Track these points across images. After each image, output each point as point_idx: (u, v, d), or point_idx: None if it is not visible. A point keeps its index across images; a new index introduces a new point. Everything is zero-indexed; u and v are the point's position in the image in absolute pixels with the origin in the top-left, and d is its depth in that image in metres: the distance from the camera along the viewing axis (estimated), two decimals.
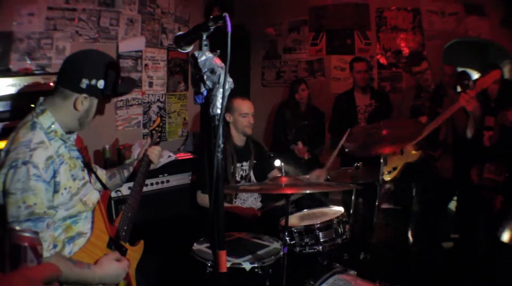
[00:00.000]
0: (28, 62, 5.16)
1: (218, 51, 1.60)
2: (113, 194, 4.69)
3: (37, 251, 1.29)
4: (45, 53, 5.36)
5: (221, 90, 1.56)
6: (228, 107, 4.71)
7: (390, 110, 6.55)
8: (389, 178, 5.50)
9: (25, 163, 2.38)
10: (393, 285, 3.52)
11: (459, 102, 4.73)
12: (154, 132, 3.45)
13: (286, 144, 6.95)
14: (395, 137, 4.37)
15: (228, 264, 3.18)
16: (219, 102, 1.55)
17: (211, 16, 1.63)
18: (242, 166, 4.71)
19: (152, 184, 5.36)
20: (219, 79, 1.57)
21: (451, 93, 5.68)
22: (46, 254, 2.33)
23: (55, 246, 2.53)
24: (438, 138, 5.50)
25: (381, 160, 4.54)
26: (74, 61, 2.67)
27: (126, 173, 3.39)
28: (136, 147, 5.51)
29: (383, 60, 7.33)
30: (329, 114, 7.06)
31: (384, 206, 6.17)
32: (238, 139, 4.78)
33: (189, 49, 1.66)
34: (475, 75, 7.63)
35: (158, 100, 6.82)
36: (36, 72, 4.81)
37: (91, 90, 2.60)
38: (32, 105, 2.67)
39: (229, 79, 1.60)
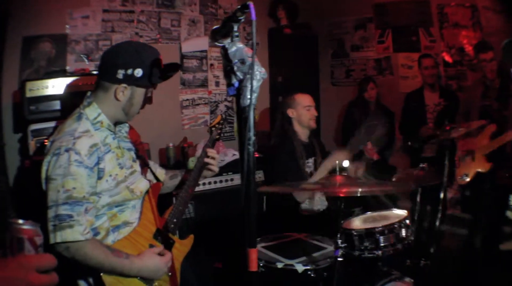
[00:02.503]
0: (87, 63, 5.27)
1: (250, 42, 1.53)
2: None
3: (34, 242, 1.38)
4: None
5: (251, 80, 1.49)
6: (290, 103, 4.72)
7: (457, 110, 6.29)
8: (462, 184, 5.33)
9: (67, 150, 2.44)
10: None
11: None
12: (214, 129, 3.45)
13: (356, 144, 6.83)
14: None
15: (281, 265, 3.20)
16: (249, 92, 1.49)
17: (238, 7, 1.55)
18: (307, 162, 4.64)
19: (215, 182, 5.33)
20: (249, 70, 1.50)
21: None
22: (80, 237, 2.39)
23: (97, 234, 2.58)
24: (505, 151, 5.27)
25: (446, 162, 4.40)
26: (109, 54, 2.75)
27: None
28: (201, 146, 5.50)
29: (448, 58, 7.09)
30: (398, 114, 6.92)
31: (450, 212, 5.99)
32: (303, 135, 4.75)
33: (225, 42, 1.60)
34: None
35: (226, 99, 6.82)
36: (94, 72, 4.88)
37: (129, 80, 2.63)
38: None
39: (261, 69, 1.53)
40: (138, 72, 2.62)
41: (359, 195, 3.19)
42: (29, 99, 4.31)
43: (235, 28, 1.56)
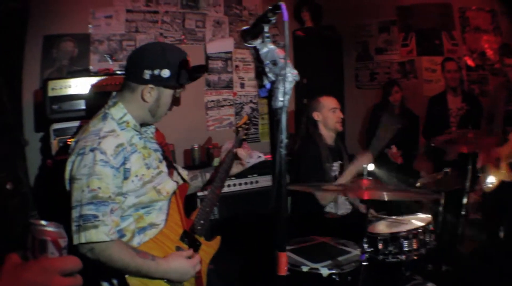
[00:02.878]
0: (110, 63, 5.30)
1: (282, 43, 1.52)
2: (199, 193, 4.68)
3: (58, 244, 1.32)
4: (128, 55, 5.43)
5: (283, 82, 1.47)
6: (315, 106, 4.69)
7: (480, 115, 6.29)
8: (487, 191, 5.27)
9: (92, 150, 2.42)
10: None
11: None
12: (240, 129, 3.43)
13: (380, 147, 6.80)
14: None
15: (306, 269, 3.18)
16: (281, 94, 1.47)
17: (269, 7, 1.53)
18: (333, 166, 4.62)
19: (240, 184, 5.33)
20: (281, 71, 1.48)
21: None
22: (105, 238, 2.36)
23: (123, 236, 2.56)
24: None
25: (469, 167, 4.37)
26: (135, 54, 2.73)
27: (208, 176, 3.38)
28: (226, 147, 5.51)
29: (470, 62, 7.02)
30: (423, 117, 6.88)
31: (472, 217, 5.94)
32: (329, 139, 4.71)
33: (255, 43, 1.58)
34: None
35: (251, 101, 6.82)
36: (118, 72, 4.90)
37: (156, 80, 2.61)
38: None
39: (293, 71, 1.50)
40: (165, 73, 2.60)
41: (386, 199, 3.16)
42: (51, 98, 4.31)
43: (266, 29, 1.54)
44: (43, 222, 1.30)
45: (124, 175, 2.53)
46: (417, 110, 7.03)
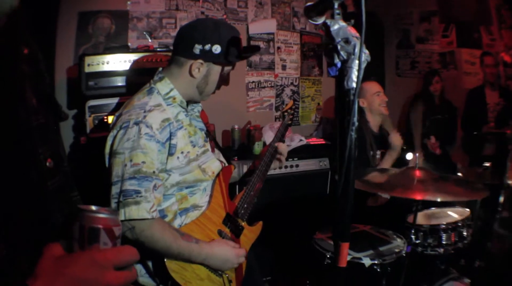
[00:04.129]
0: (150, 40, 5.25)
1: (352, 21, 1.44)
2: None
3: (112, 233, 1.13)
4: (169, 32, 5.43)
5: (356, 61, 1.39)
6: (359, 93, 4.55)
7: None
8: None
9: (137, 123, 2.37)
10: None
11: None
12: (286, 114, 3.36)
13: (420, 137, 6.73)
14: None
15: (348, 258, 3.07)
16: (354, 74, 1.38)
17: None
18: (377, 154, 4.56)
19: (281, 167, 5.20)
20: (354, 50, 1.40)
21: None
22: (147, 215, 2.30)
23: (164, 216, 2.51)
24: None
25: (508, 162, 4.28)
26: (187, 28, 2.68)
27: (245, 169, 3.33)
28: (266, 130, 5.48)
29: (507, 58, 6.89)
30: (461, 109, 6.83)
31: (505, 214, 5.85)
32: (375, 126, 4.69)
33: (320, 20, 1.51)
34: None
35: (292, 83, 6.74)
36: (158, 49, 4.86)
37: (206, 56, 2.56)
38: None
39: (365, 51, 1.43)
40: (216, 49, 2.55)
41: (439, 200, 3.08)
42: (87, 74, 4.21)
43: (336, 5, 1.45)
44: (93, 208, 1.15)
45: (170, 151, 2.49)
46: (456, 102, 6.97)
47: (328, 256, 3.15)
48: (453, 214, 3.78)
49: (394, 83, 8.15)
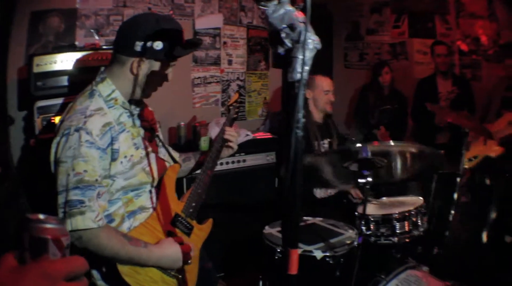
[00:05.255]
0: (97, 38, 5.19)
1: (301, 4, 1.35)
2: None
3: (60, 244, 1.11)
4: (115, 30, 5.31)
5: (302, 50, 1.29)
6: (309, 84, 4.60)
7: (472, 100, 6.31)
8: (467, 167, 5.23)
9: (77, 130, 2.31)
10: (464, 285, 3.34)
11: None
12: (231, 107, 3.30)
13: (369, 128, 6.76)
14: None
15: (300, 251, 3.06)
16: (299, 65, 1.29)
17: None
18: (323, 144, 4.56)
19: (227, 163, 5.26)
20: (299, 37, 1.30)
21: None
22: (92, 225, 2.27)
23: (111, 221, 2.47)
24: None
25: (463, 151, 4.33)
26: (127, 24, 2.61)
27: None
28: (212, 125, 5.45)
29: (463, 47, 6.96)
30: (412, 99, 6.88)
31: (463, 200, 5.93)
32: (317, 116, 4.69)
33: (270, 4, 1.43)
34: None
35: (238, 78, 6.73)
36: (104, 47, 4.82)
37: (148, 52, 2.47)
38: None
39: (314, 37, 1.34)
40: (158, 45, 2.47)
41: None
42: (36, 74, 4.15)
43: None
44: (41, 217, 1.10)
45: (112, 156, 2.43)
46: (406, 92, 7.01)
47: (278, 250, 3.12)
48: (406, 203, 3.78)
49: (342, 75, 8.18)
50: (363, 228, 3.10)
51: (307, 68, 1.31)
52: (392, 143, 3.29)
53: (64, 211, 2.27)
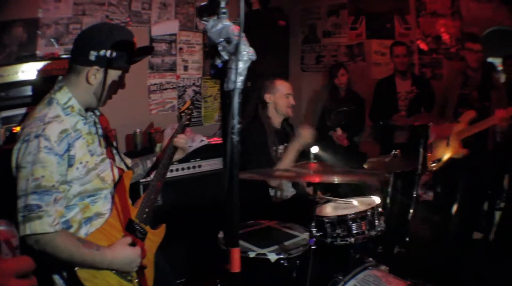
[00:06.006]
0: (56, 47, 5.17)
1: (238, 19, 1.40)
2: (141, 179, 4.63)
3: (11, 244, 1.20)
4: (74, 38, 5.30)
5: (238, 62, 1.36)
6: (269, 88, 4.63)
7: (432, 98, 6.29)
8: (432, 169, 5.29)
9: (37, 136, 2.35)
10: (426, 283, 3.38)
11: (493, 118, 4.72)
12: (183, 114, 3.34)
13: (325, 130, 6.80)
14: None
15: (253, 254, 3.16)
16: (234, 75, 1.36)
17: None
18: (279, 149, 4.59)
19: (183, 168, 5.24)
20: (235, 49, 1.37)
21: (499, 86, 5.37)
22: (49, 229, 2.31)
23: (69, 227, 2.50)
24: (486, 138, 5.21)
25: (420, 149, 4.39)
26: (82, 35, 2.65)
27: (149, 164, 3.32)
28: (168, 132, 5.44)
29: (423, 46, 7.04)
30: (370, 100, 6.90)
31: (424, 198, 5.99)
32: (276, 121, 4.67)
33: (211, 19, 1.48)
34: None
35: (194, 84, 6.72)
36: (63, 56, 4.82)
37: (102, 62, 2.54)
38: None
39: (249, 49, 1.41)
40: (111, 54, 2.53)
41: (336, 182, 3.14)
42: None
43: (223, 4, 1.43)
44: None
45: (69, 162, 2.47)
46: (364, 93, 7.07)
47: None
48: (363, 204, 3.82)
49: (298, 78, 8.24)
50: (314, 230, 3.12)
51: (241, 78, 1.37)
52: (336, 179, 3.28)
53: (24, 215, 2.28)
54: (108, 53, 2.52)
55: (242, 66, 1.37)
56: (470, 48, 5.31)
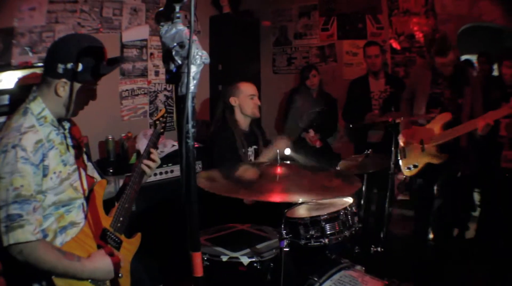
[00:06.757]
0: (30, 55, 5.19)
1: (192, 24, 1.39)
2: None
3: None
4: (47, 46, 5.27)
5: (190, 66, 1.35)
6: (233, 91, 4.65)
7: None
8: (408, 175, 5.27)
9: (14, 146, 2.36)
10: (402, 282, 3.39)
11: (475, 123, 4.57)
12: (158, 122, 3.33)
13: (298, 131, 6.80)
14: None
15: (225, 258, 3.16)
16: (186, 79, 1.34)
17: None
18: (248, 152, 4.59)
19: (155, 174, 5.23)
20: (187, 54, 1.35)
21: (474, 82, 5.22)
22: (31, 237, 2.34)
23: (45, 236, 2.50)
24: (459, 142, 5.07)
25: (393, 148, 4.39)
26: (52, 47, 2.65)
27: (121, 183, 3.32)
28: (140, 138, 5.41)
29: (396, 45, 7.09)
30: (342, 101, 6.92)
31: (400, 197, 6.00)
32: (244, 124, 4.67)
33: (167, 25, 1.48)
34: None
35: (165, 89, 6.74)
36: (37, 64, 4.84)
37: (69, 74, 2.52)
38: None
39: (202, 53, 1.40)
40: (78, 66, 2.51)
41: (300, 201, 3.14)
42: None
43: (177, 9, 1.42)
44: None
45: (43, 172, 2.48)
46: (336, 94, 7.10)
47: (205, 258, 3.16)
48: (336, 204, 3.81)
49: (270, 81, 8.27)
50: (284, 232, 3.11)
51: (195, 82, 1.37)
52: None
53: (6, 225, 2.31)
54: (75, 66, 2.51)
55: (195, 69, 1.36)
56: (442, 63, 5.07)
